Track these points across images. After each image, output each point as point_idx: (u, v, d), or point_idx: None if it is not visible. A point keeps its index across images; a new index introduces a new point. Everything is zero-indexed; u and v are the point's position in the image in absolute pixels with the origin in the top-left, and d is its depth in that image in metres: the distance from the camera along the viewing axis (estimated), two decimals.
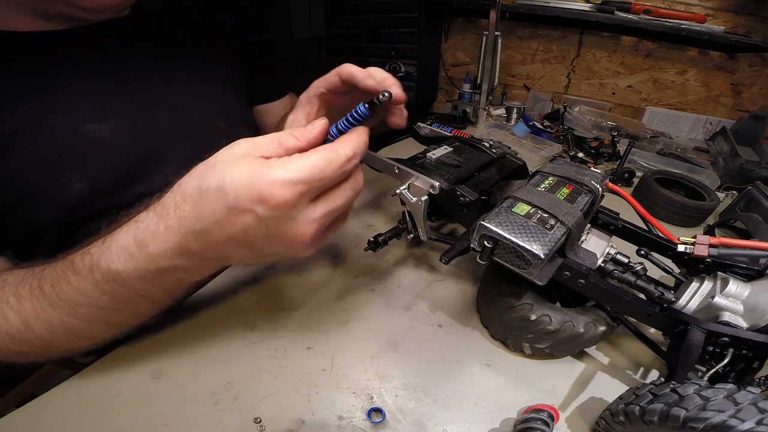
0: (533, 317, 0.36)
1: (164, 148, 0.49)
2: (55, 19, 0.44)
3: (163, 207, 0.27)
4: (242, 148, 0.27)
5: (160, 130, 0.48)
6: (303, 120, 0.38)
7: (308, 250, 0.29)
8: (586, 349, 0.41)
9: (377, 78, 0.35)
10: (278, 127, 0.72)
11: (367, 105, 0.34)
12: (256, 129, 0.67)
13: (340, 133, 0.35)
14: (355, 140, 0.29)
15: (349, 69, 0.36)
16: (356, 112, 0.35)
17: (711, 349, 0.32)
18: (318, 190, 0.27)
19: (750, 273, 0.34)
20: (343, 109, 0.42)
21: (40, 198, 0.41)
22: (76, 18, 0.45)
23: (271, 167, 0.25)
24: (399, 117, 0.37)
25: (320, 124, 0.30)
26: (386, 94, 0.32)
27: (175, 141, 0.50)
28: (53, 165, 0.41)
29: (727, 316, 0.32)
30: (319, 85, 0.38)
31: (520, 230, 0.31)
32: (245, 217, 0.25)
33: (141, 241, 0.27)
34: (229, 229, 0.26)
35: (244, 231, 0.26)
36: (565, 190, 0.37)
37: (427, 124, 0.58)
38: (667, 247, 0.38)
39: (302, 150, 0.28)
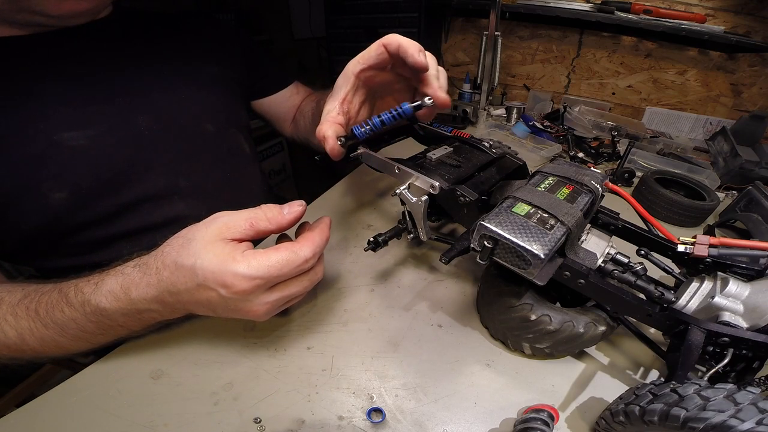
0: (533, 317, 0.36)
1: (148, 154, 0.47)
2: (28, 26, 0.43)
3: (147, 267, 0.33)
4: (216, 229, 0.31)
5: (142, 136, 0.47)
6: (338, 109, 0.38)
7: (263, 319, 0.35)
8: (586, 349, 0.41)
9: (425, 59, 0.34)
10: (298, 116, 0.69)
11: (412, 107, 0.35)
12: (248, 129, 0.65)
13: (374, 129, 0.36)
14: (316, 241, 0.33)
15: (398, 40, 0.34)
16: (400, 111, 0.35)
17: (711, 349, 0.32)
18: (274, 283, 0.32)
19: (750, 273, 0.34)
20: (383, 89, 0.41)
21: (21, 207, 0.41)
22: (49, 24, 0.44)
23: (236, 261, 0.30)
24: (430, 114, 0.38)
25: (296, 210, 0.34)
26: (430, 100, 0.34)
27: (159, 147, 0.48)
28: (32, 174, 0.40)
29: (727, 316, 0.32)
30: (359, 61, 0.37)
31: (520, 230, 0.31)
32: (210, 293, 0.31)
33: (126, 288, 0.33)
34: (196, 296, 0.32)
35: (208, 300, 0.32)
36: (565, 190, 0.36)
37: (427, 124, 0.58)
38: (667, 247, 0.38)
39: (273, 232, 0.34)
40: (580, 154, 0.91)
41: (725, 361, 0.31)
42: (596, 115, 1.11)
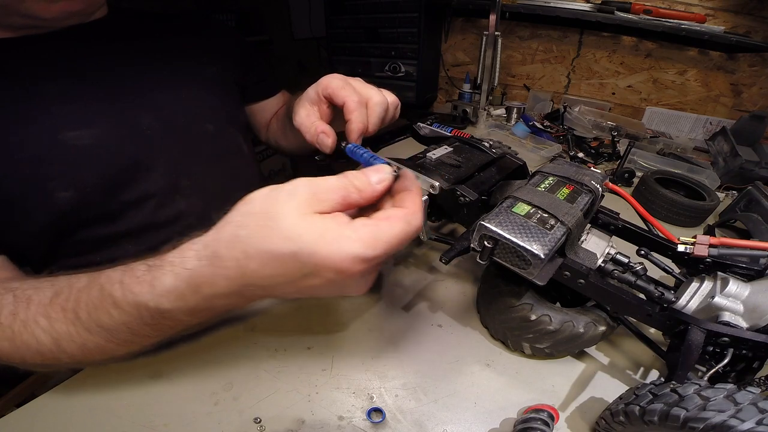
0: (533, 317, 0.36)
1: (150, 153, 0.47)
2: (20, 29, 0.43)
3: (219, 259, 0.26)
4: (305, 201, 0.25)
5: (145, 135, 0.47)
6: (317, 115, 0.40)
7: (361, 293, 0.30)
8: (586, 349, 0.41)
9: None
10: (272, 120, 0.70)
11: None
12: (247, 128, 0.65)
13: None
14: (420, 204, 0.28)
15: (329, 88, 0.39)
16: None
17: (711, 349, 0.32)
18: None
19: (750, 273, 0.34)
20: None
21: (26, 207, 0.41)
22: (41, 27, 0.44)
23: (350, 240, 0.24)
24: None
25: (385, 180, 0.28)
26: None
27: (161, 145, 0.48)
28: (37, 174, 0.40)
29: (727, 316, 0.32)
30: (318, 91, 0.40)
31: (520, 230, 0.31)
32: (315, 281, 0.26)
33: (195, 286, 0.27)
34: (298, 286, 0.26)
35: (312, 287, 0.27)
36: (565, 190, 0.36)
37: (427, 124, 0.57)
38: (667, 247, 0.38)
39: (360, 206, 0.28)
40: (580, 154, 0.91)
41: (725, 361, 0.31)
42: (596, 115, 1.11)
